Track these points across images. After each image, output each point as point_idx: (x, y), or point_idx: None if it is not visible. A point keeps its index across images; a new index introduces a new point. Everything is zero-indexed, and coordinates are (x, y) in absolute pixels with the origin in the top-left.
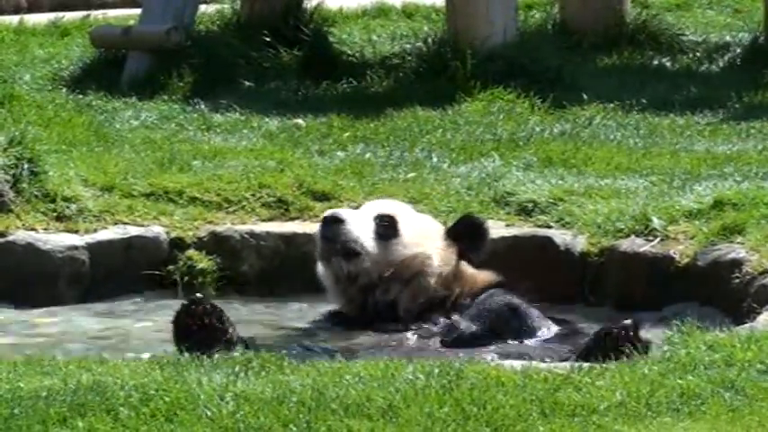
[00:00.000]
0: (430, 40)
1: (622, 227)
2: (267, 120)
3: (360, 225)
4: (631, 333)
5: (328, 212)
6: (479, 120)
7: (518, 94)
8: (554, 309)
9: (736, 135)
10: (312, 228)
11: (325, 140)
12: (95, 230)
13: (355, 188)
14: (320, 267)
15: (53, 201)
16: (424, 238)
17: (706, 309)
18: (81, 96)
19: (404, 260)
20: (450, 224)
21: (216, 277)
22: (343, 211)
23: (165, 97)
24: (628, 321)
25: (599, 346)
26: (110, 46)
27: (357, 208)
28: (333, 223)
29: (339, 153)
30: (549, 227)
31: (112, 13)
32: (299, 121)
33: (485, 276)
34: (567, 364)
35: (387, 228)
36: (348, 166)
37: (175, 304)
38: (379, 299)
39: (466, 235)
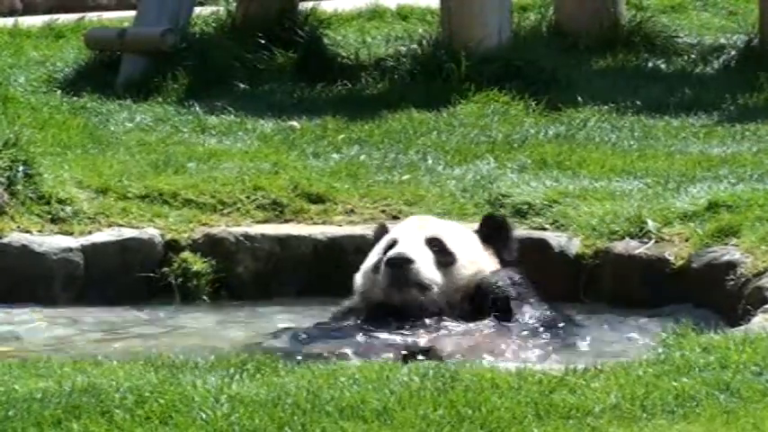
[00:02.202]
0: (425, 41)
1: (617, 229)
2: (262, 122)
3: (425, 260)
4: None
5: (393, 253)
6: (474, 122)
7: (513, 96)
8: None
9: (731, 137)
10: (307, 230)
11: (320, 142)
12: (90, 232)
13: (350, 190)
14: (378, 290)
15: (48, 203)
16: (473, 252)
17: (701, 311)
18: (76, 98)
19: (466, 282)
20: (476, 228)
21: (210, 279)
22: (408, 250)
23: (160, 99)
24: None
25: None
26: (105, 48)
27: (382, 227)
28: (402, 265)
29: (334, 155)
30: (544, 229)
31: (107, 15)
32: (294, 123)
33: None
34: (561, 366)
35: (443, 254)
36: (343, 168)
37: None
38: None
39: (494, 236)
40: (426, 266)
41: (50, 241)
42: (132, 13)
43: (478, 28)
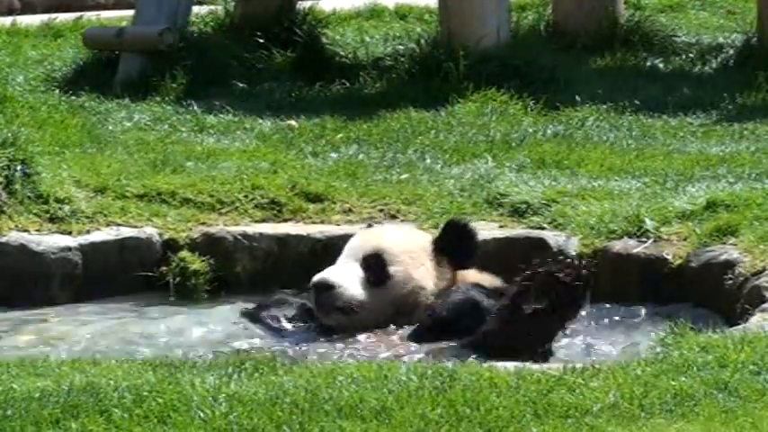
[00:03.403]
0: (423, 41)
1: (615, 228)
2: (260, 121)
3: (350, 281)
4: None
5: (317, 279)
6: (472, 121)
7: (511, 96)
8: None
9: (729, 136)
10: (305, 229)
11: (319, 141)
12: (88, 232)
13: (348, 189)
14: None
15: (46, 202)
16: (414, 267)
17: (699, 310)
18: (74, 98)
19: (399, 300)
20: (438, 232)
21: (209, 278)
22: (331, 275)
23: (158, 98)
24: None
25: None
26: (103, 47)
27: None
28: (324, 290)
29: (332, 154)
30: (543, 228)
31: (105, 14)
32: (293, 122)
33: (478, 279)
34: (560, 365)
35: (375, 272)
36: (341, 168)
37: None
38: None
39: (454, 242)
40: (350, 289)
41: (49, 240)
42: (130, 12)
43: (477, 27)
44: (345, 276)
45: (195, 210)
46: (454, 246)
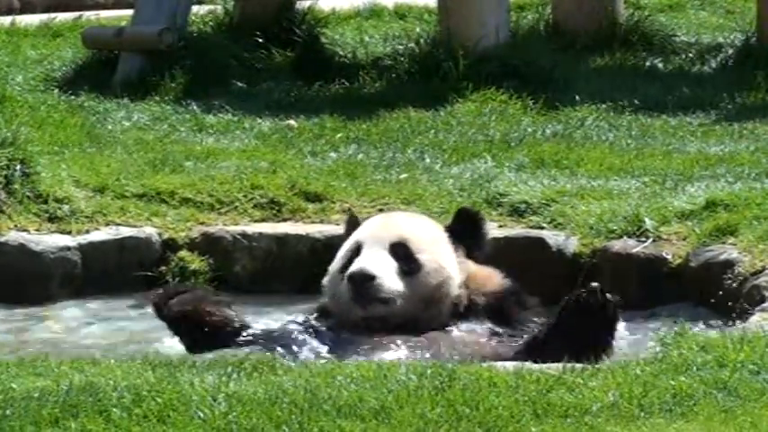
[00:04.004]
0: (422, 40)
1: (615, 228)
2: (259, 121)
3: (388, 272)
4: (600, 297)
5: (356, 270)
6: (472, 121)
7: (510, 95)
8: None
9: (729, 136)
10: (305, 229)
11: (318, 141)
12: (88, 231)
13: (348, 189)
14: (344, 305)
15: (45, 202)
16: (440, 255)
17: (698, 309)
18: (73, 97)
19: (432, 290)
20: (449, 223)
21: (208, 278)
22: (370, 266)
23: (158, 98)
24: (595, 284)
25: (570, 311)
26: (102, 47)
27: (351, 222)
28: (365, 282)
29: (331, 154)
30: (542, 228)
31: (105, 14)
32: (292, 121)
33: (489, 273)
34: (559, 365)
35: (407, 261)
36: (341, 167)
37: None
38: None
39: (466, 233)
40: (389, 279)
41: (48, 240)
42: (130, 11)
43: (476, 27)
44: (383, 267)
45: (194, 209)
46: (467, 236)
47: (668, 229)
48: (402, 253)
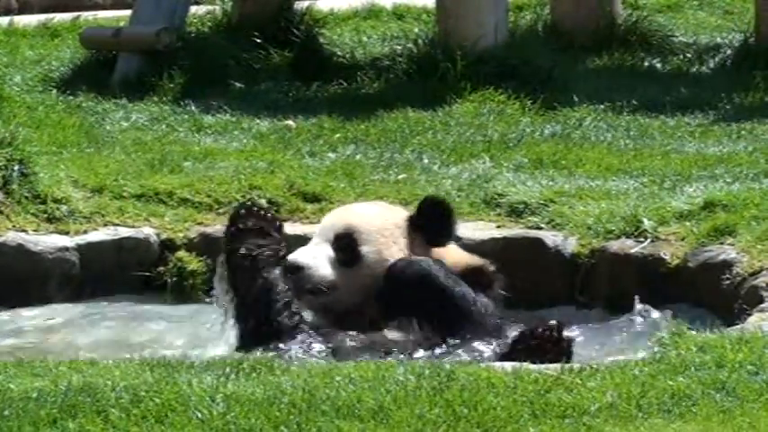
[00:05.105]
0: (421, 41)
1: (613, 228)
2: (258, 121)
3: (319, 262)
4: (555, 333)
5: (289, 260)
6: (470, 121)
7: (509, 96)
8: (544, 310)
9: (727, 136)
10: (303, 229)
11: (316, 141)
12: (86, 232)
13: (346, 189)
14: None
15: (44, 202)
16: (387, 246)
17: (697, 310)
18: (71, 98)
19: (371, 280)
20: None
21: (206, 278)
22: (300, 256)
23: (156, 98)
24: (553, 322)
25: (523, 344)
26: (100, 47)
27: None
28: (294, 272)
29: (330, 154)
30: (540, 228)
31: (103, 14)
32: (290, 122)
33: (458, 257)
34: (557, 366)
35: (347, 252)
36: (339, 168)
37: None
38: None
39: (431, 220)
40: (319, 270)
41: (46, 240)
42: (128, 12)
43: (474, 27)
44: (314, 257)
45: (193, 210)
46: (430, 223)
47: (666, 229)
48: (345, 244)
